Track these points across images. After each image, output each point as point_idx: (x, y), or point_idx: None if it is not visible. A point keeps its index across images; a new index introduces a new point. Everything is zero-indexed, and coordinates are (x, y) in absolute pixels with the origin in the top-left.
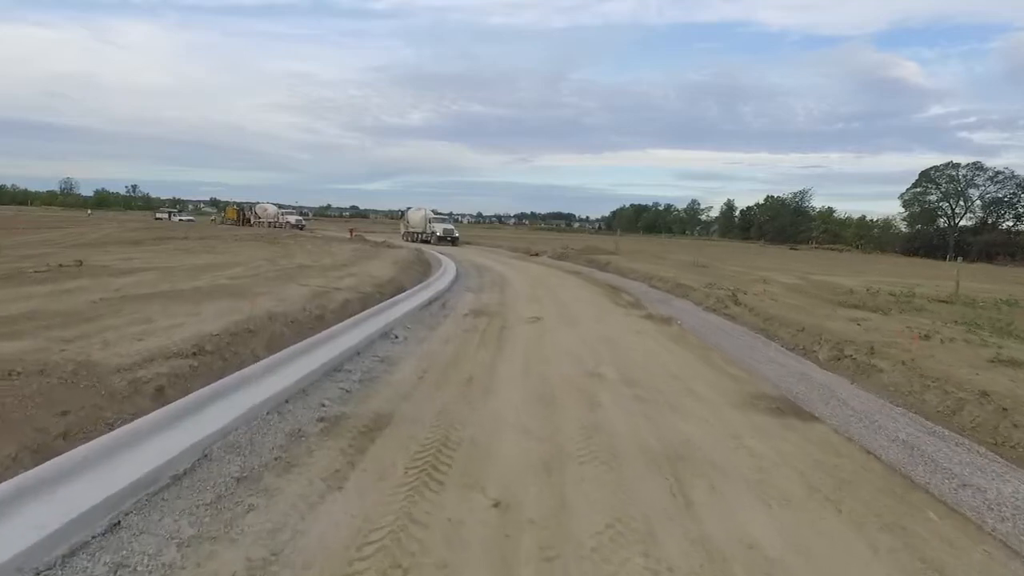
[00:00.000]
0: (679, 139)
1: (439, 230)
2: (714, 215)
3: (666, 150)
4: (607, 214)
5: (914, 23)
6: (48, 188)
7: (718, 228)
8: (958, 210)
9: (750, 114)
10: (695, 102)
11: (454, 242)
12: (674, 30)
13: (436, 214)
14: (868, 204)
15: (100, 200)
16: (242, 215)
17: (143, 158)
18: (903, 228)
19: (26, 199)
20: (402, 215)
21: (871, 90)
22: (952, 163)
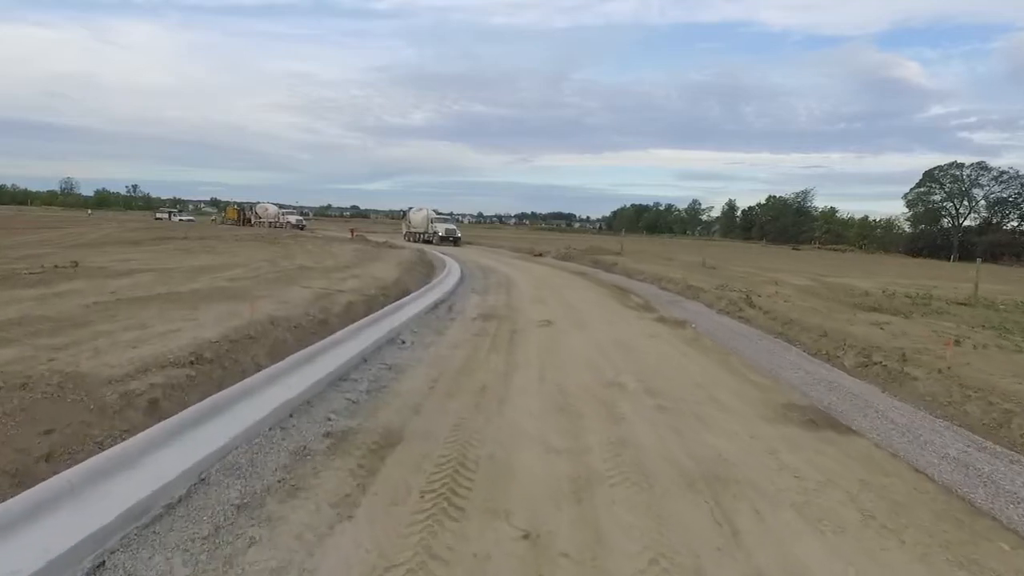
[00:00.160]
0: (680, 139)
1: (441, 230)
2: (715, 215)
3: (667, 150)
4: (608, 214)
5: (916, 23)
6: (49, 188)
7: (719, 228)
8: (962, 210)
9: (752, 114)
10: (697, 102)
11: (456, 242)
12: (676, 30)
13: (438, 214)
14: (869, 204)
15: (100, 200)
16: (242, 215)
17: (144, 158)
18: (906, 228)
19: (26, 199)
20: (404, 215)
21: (873, 90)
22: (956, 163)
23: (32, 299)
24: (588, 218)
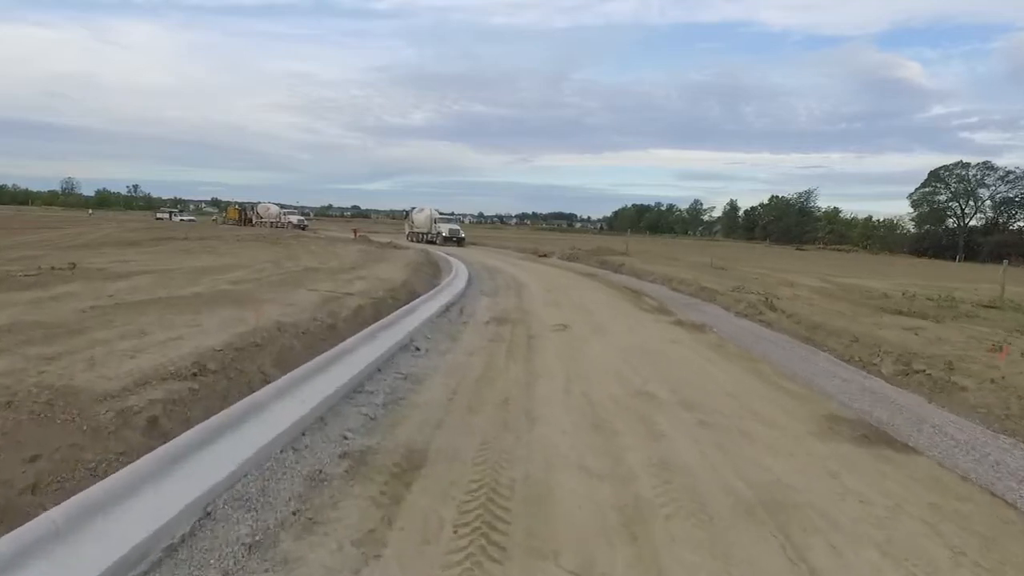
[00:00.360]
0: (681, 139)
1: (445, 230)
2: (716, 215)
3: (667, 150)
4: (608, 214)
5: (916, 23)
6: (49, 188)
7: (721, 228)
8: (968, 210)
9: (752, 114)
10: (697, 102)
11: (460, 243)
12: (676, 30)
13: (441, 214)
14: (869, 204)
15: (101, 200)
16: (244, 215)
17: (144, 158)
18: (911, 228)
19: (27, 199)
20: (406, 215)
21: (873, 90)
22: (962, 162)
23: (25, 303)
24: (589, 218)
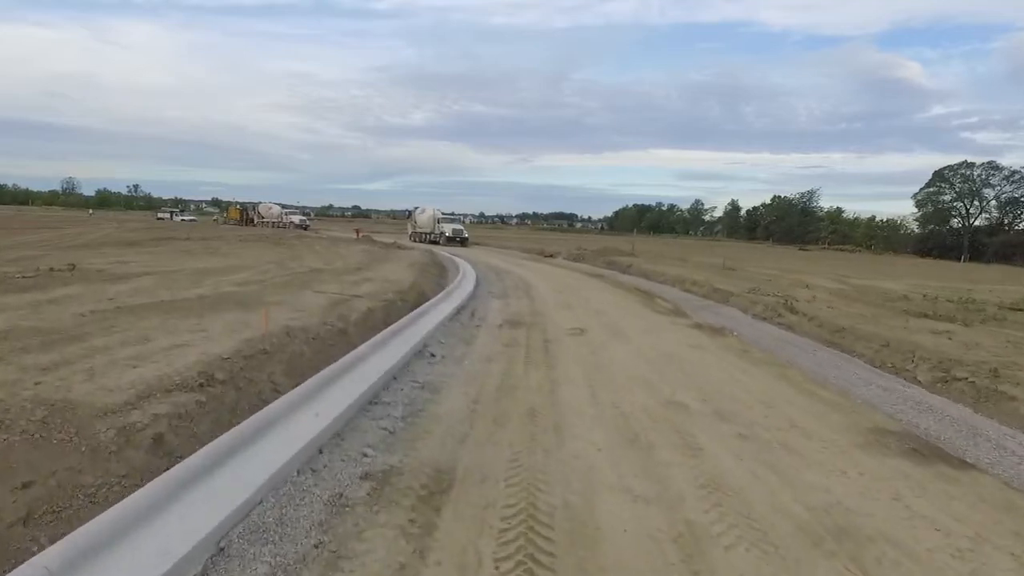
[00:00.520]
0: (681, 139)
1: (448, 230)
2: (718, 215)
3: (667, 150)
4: (609, 214)
5: (916, 23)
6: (50, 188)
7: (723, 228)
8: (972, 210)
9: (752, 114)
10: (697, 102)
11: (463, 243)
12: (676, 30)
13: (444, 214)
14: (870, 204)
15: (102, 200)
16: (245, 215)
17: (145, 158)
18: (915, 228)
19: (27, 199)
20: (409, 215)
21: (873, 90)
22: (967, 162)
23: (23, 307)
24: (590, 218)
